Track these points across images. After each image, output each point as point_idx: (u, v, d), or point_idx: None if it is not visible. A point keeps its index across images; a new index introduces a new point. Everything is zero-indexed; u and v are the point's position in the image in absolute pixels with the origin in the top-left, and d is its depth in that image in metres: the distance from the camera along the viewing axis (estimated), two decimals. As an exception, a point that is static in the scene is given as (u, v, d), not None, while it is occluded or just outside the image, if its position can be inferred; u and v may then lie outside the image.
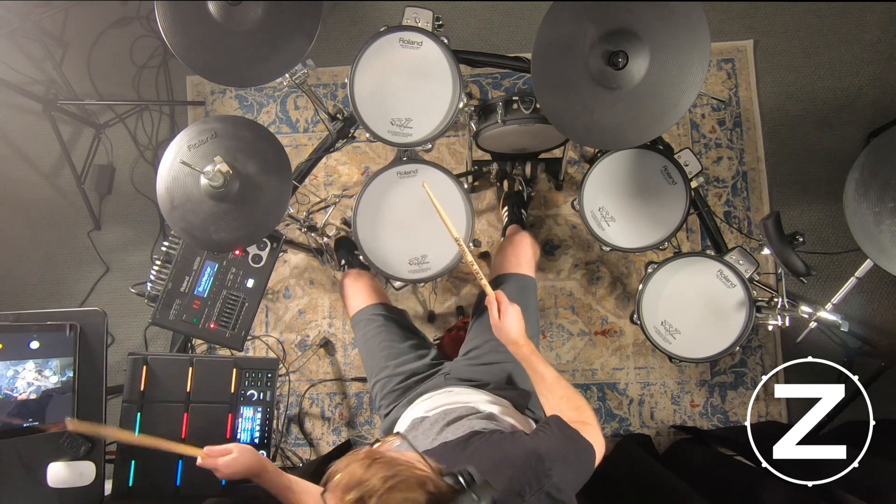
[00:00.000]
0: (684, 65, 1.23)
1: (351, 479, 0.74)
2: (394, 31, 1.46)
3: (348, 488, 0.73)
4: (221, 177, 1.30)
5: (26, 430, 1.36)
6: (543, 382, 1.14)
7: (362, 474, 0.73)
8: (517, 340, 1.15)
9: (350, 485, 0.73)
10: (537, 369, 1.14)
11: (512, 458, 0.92)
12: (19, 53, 2.40)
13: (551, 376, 1.13)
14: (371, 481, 0.72)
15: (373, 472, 0.73)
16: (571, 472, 0.94)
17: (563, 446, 0.96)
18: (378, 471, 0.73)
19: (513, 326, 1.15)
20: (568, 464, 0.94)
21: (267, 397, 1.50)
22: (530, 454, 0.92)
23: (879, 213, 1.30)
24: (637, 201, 1.61)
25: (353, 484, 0.73)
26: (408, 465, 0.75)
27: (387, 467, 0.74)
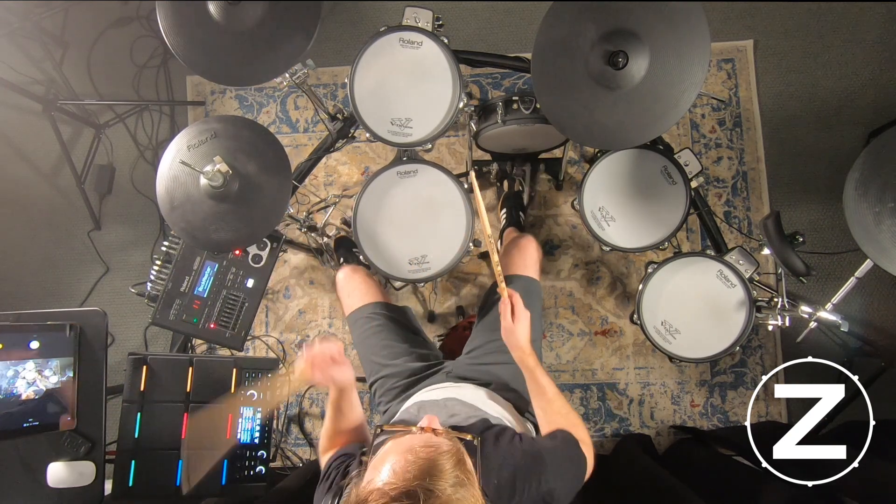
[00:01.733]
0: (684, 65, 1.22)
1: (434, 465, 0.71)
2: (394, 31, 1.45)
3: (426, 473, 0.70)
4: (221, 177, 1.30)
5: (26, 430, 1.36)
6: (544, 396, 1.13)
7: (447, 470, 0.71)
8: (524, 348, 1.14)
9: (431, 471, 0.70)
10: (539, 381, 1.13)
11: (518, 455, 0.92)
12: (19, 53, 2.40)
13: (552, 391, 1.12)
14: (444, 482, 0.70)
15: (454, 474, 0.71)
16: (567, 484, 0.96)
17: (565, 458, 0.97)
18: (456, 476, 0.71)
19: (523, 332, 1.14)
20: (565, 475, 0.95)
21: (267, 397, 1.50)
22: (535, 456, 0.92)
23: (879, 213, 1.30)
24: (637, 201, 1.61)
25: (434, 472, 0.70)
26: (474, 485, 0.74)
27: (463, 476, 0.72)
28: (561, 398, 1.12)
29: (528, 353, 1.14)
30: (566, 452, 0.99)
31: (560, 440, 1.02)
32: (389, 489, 0.69)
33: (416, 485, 0.69)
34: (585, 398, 2.15)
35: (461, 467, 0.73)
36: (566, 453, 0.99)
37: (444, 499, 0.68)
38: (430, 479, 0.69)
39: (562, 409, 1.11)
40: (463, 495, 0.70)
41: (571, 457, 0.99)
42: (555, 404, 1.11)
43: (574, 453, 1.00)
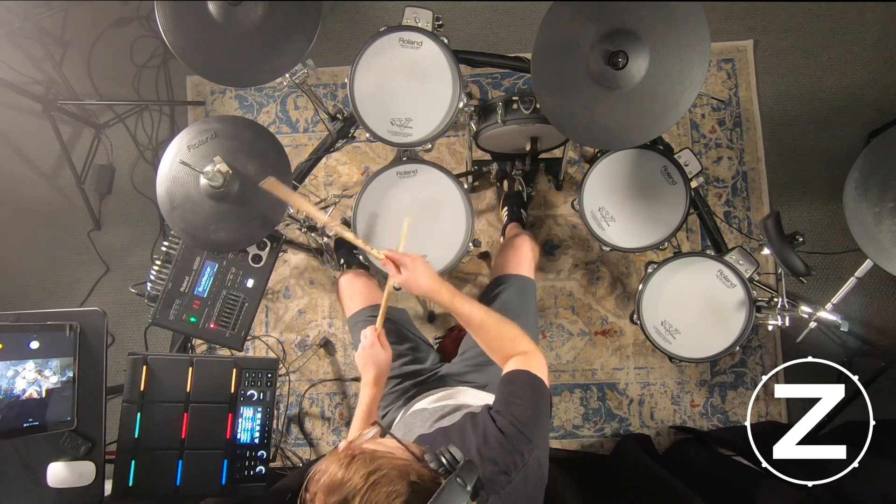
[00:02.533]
0: (684, 65, 1.23)
1: (332, 480, 0.72)
2: (394, 31, 1.45)
3: (331, 490, 0.71)
4: (221, 177, 1.30)
5: (26, 430, 1.36)
6: (472, 323, 1.10)
7: (343, 475, 0.71)
8: (433, 287, 1.11)
9: (333, 486, 0.71)
10: (463, 312, 1.11)
11: (497, 436, 0.91)
12: (19, 53, 2.40)
13: (479, 314, 1.10)
14: (353, 480, 0.70)
15: (353, 470, 0.71)
16: (543, 425, 0.95)
17: (535, 406, 0.95)
18: (358, 468, 0.71)
19: (421, 277, 1.12)
20: (540, 420, 0.94)
21: (267, 397, 1.50)
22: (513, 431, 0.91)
23: (879, 213, 1.30)
24: (637, 201, 1.61)
25: (336, 485, 0.71)
26: (388, 457, 0.74)
27: (366, 463, 0.72)
28: (490, 317, 1.10)
29: (439, 290, 1.11)
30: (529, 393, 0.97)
31: (521, 384, 0.99)
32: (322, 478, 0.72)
33: None
34: (585, 398, 2.15)
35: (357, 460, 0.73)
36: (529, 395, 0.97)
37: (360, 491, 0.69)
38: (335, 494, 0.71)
39: (496, 330, 1.09)
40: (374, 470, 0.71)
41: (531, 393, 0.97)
42: (488, 327, 1.09)
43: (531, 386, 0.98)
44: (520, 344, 1.07)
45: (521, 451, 0.89)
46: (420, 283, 1.13)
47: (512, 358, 1.06)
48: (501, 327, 1.09)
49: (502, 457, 0.88)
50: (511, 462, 0.88)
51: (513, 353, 1.06)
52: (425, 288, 1.13)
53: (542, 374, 1.01)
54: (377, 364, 1.24)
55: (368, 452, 0.74)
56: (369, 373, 1.24)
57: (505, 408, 0.94)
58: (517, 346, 1.06)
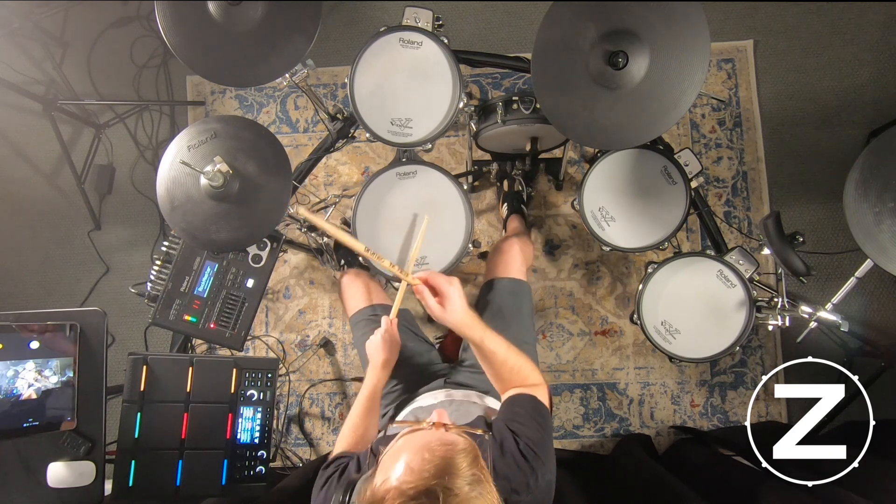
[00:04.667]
0: (684, 65, 1.22)
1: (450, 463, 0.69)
2: (394, 31, 1.45)
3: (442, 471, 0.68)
4: (221, 177, 1.30)
5: (26, 430, 1.36)
6: (495, 359, 1.07)
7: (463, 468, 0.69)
8: (467, 322, 1.04)
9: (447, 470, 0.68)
10: (490, 348, 1.06)
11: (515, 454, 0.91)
12: (19, 53, 2.40)
13: (503, 350, 1.07)
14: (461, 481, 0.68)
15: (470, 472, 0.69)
16: (552, 447, 0.96)
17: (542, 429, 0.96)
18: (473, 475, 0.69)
19: (460, 309, 1.03)
20: (549, 443, 0.95)
21: (267, 397, 1.50)
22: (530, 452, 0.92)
23: (879, 213, 1.30)
24: (637, 201, 1.61)
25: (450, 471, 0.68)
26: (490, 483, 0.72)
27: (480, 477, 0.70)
28: (513, 354, 1.08)
29: (469, 327, 1.04)
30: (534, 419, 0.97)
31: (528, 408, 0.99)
32: (407, 488, 0.67)
33: (434, 483, 0.67)
34: (585, 398, 2.15)
35: (477, 465, 0.71)
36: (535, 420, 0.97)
37: (461, 497, 0.67)
38: (448, 477, 0.67)
39: (514, 364, 1.07)
40: (480, 492, 0.69)
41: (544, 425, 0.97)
42: (508, 365, 1.07)
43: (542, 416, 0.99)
44: (530, 378, 1.07)
45: (536, 474, 0.89)
46: (459, 317, 1.04)
47: (519, 389, 1.06)
48: (520, 364, 1.08)
49: (516, 476, 0.88)
50: (524, 483, 0.88)
51: (520, 385, 1.07)
52: (459, 322, 1.04)
53: (545, 401, 1.02)
54: (390, 349, 1.28)
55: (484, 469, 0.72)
56: (380, 356, 1.27)
57: (518, 428, 0.95)
58: (526, 380, 1.07)
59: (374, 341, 1.30)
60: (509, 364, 1.08)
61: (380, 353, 1.28)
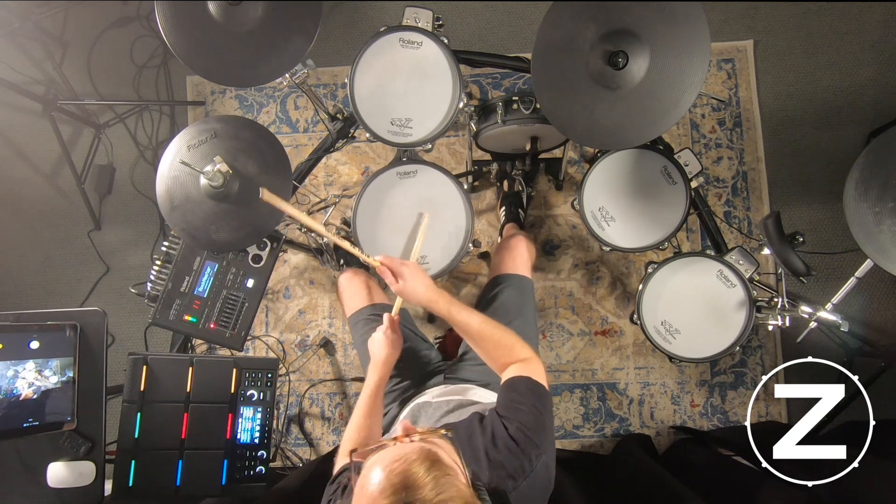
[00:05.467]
0: (684, 65, 1.22)
1: (408, 478, 0.69)
2: (394, 31, 1.45)
3: (403, 487, 0.68)
4: (221, 177, 1.30)
5: (26, 430, 1.36)
6: (470, 332, 1.10)
7: (421, 477, 0.69)
8: (430, 297, 1.11)
9: (405, 484, 0.69)
10: (461, 321, 1.10)
11: (506, 441, 0.91)
12: (19, 53, 2.40)
13: (476, 323, 1.09)
14: (424, 490, 0.68)
15: (430, 478, 0.69)
16: (549, 429, 0.95)
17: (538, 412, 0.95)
18: (433, 479, 0.69)
19: (419, 286, 1.12)
20: (546, 425, 0.94)
21: (267, 397, 1.50)
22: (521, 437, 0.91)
23: (879, 213, 1.30)
24: (637, 201, 1.61)
25: (409, 485, 0.68)
26: (458, 480, 0.72)
27: (441, 476, 0.70)
28: (488, 325, 1.09)
29: (437, 300, 1.11)
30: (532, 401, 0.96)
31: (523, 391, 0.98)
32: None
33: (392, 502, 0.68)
34: (585, 398, 2.15)
35: (437, 466, 0.71)
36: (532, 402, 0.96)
37: None
38: (406, 492, 0.68)
39: (494, 338, 1.08)
40: (445, 489, 0.69)
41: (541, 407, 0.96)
42: (486, 335, 1.08)
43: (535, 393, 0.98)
44: (518, 351, 1.06)
45: (530, 457, 0.89)
46: (417, 292, 1.13)
47: (510, 366, 1.05)
48: (499, 335, 1.09)
49: (510, 462, 0.88)
50: (519, 467, 0.88)
51: (511, 360, 1.06)
52: (422, 298, 1.13)
53: (541, 379, 1.01)
54: (392, 345, 1.27)
55: (445, 464, 0.72)
56: (382, 353, 1.26)
57: (512, 414, 0.94)
58: (516, 354, 1.06)
59: (377, 338, 1.29)
60: (487, 334, 1.09)
61: (382, 350, 1.27)
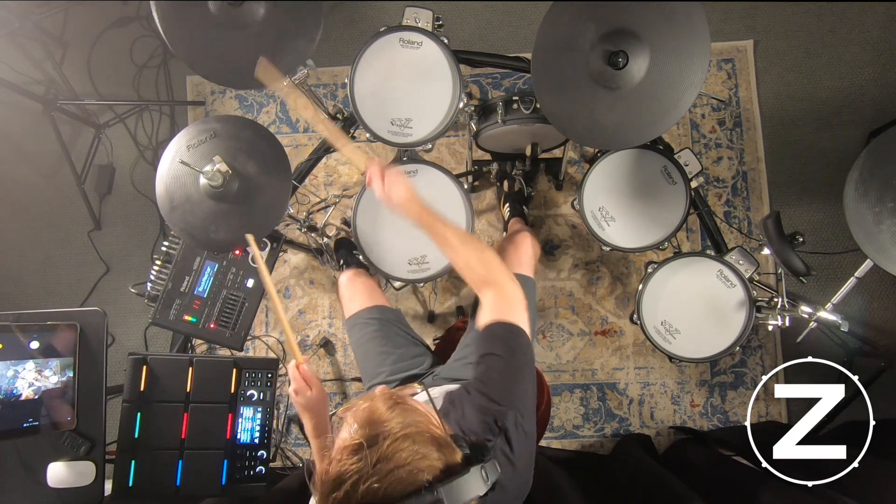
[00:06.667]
0: (684, 65, 1.23)
1: (371, 414, 0.73)
2: (394, 31, 1.46)
3: (367, 423, 0.72)
4: (221, 177, 1.30)
5: (26, 430, 1.36)
6: (448, 244, 1.10)
7: (383, 413, 0.73)
8: (412, 207, 1.11)
9: (371, 419, 0.72)
10: (439, 232, 1.10)
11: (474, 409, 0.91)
12: (19, 53, 2.40)
13: (455, 237, 1.09)
14: (390, 423, 0.72)
15: (394, 414, 0.73)
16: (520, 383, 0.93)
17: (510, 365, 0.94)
18: (398, 415, 0.73)
19: (401, 190, 1.12)
20: (515, 379, 0.93)
21: (267, 397, 1.50)
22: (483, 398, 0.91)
23: (879, 213, 1.30)
24: (637, 201, 1.61)
25: (373, 420, 0.72)
26: (426, 420, 0.75)
27: (407, 414, 0.74)
28: (466, 241, 1.09)
29: (416, 206, 1.11)
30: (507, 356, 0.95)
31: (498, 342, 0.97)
32: (339, 455, 0.71)
33: (360, 437, 0.71)
34: (585, 398, 2.15)
35: (400, 406, 0.75)
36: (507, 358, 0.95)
37: (392, 435, 0.71)
38: (371, 427, 0.72)
39: (471, 252, 1.07)
40: (411, 423, 0.72)
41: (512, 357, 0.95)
42: (461, 250, 1.08)
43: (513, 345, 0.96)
44: (493, 270, 1.05)
45: (495, 418, 0.89)
46: (400, 195, 1.12)
47: (487, 289, 1.04)
48: (476, 250, 1.08)
49: (480, 426, 0.89)
50: (487, 429, 0.88)
51: (489, 278, 1.04)
52: (403, 201, 1.12)
53: (519, 318, 0.99)
54: (310, 409, 1.07)
55: (411, 407, 0.76)
56: (308, 423, 1.09)
57: (478, 377, 0.95)
58: (492, 272, 1.04)
59: (294, 401, 1.09)
60: (463, 251, 1.08)
61: (306, 419, 1.08)
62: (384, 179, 1.15)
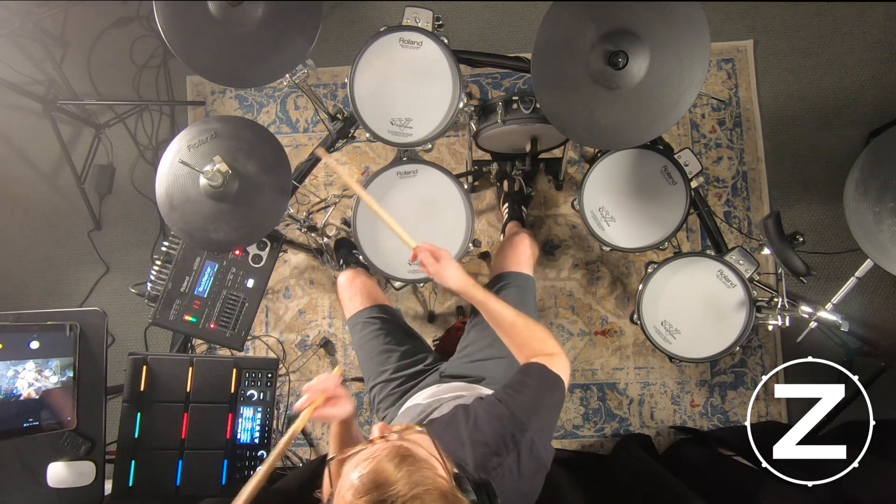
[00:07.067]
0: (684, 65, 1.22)
1: (378, 476, 0.69)
2: (394, 31, 1.45)
3: (374, 485, 0.68)
4: (221, 177, 1.30)
5: (26, 430, 1.36)
6: (504, 323, 1.12)
7: (391, 474, 0.69)
8: (466, 281, 1.14)
9: (378, 481, 0.68)
10: (494, 308, 1.12)
11: (488, 419, 0.91)
12: (19, 53, 2.40)
13: (510, 315, 1.11)
14: (397, 486, 0.68)
15: (401, 474, 0.69)
16: (544, 412, 0.95)
17: (540, 395, 0.95)
18: (406, 475, 0.69)
19: (454, 269, 1.15)
20: (541, 407, 0.94)
21: (267, 397, 1.50)
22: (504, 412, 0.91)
23: (879, 213, 1.30)
24: (637, 201, 1.61)
25: (381, 482, 0.68)
26: (433, 471, 0.72)
27: (415, 471, 0.70)
28: (520, 319, 1.11)
29: (471, 286, 1.14)
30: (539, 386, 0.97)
31: (534, 376, 0.99)
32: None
33: (366, 503, 0.68)
34: (585, 398, 2.15)
35: (409, 462, 0.71)
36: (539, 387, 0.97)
37: (401, 498, 0.68)
38: (378, 490, 0.68)
39: (526, 330, 1.09)
40: (419, 483, 0.69)
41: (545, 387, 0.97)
42: (518, 328, 1.10)
43: (549, 381, 0.98)
44: (548, 346, 1.07)
45: (512, 433, 0.89)
46: (457, 276, 1.15)
47: (536, 357, 1.06)
48: (531, 327, 1.10)
49: (493, 439, 0.89)
50: (502, 443, 0.88)
51: (538, 352, 1.07)
52: (460, 282, 1.15)
53: (561, 372, 1.01)
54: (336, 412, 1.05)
55: (418, 459, 0.73)
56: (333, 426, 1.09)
57: (505, 392, 0.95)
58: (544, 348, 1.07)
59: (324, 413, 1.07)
60: (519, 326, 1.10)
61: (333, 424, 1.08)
62: (437, 262, 1.17)
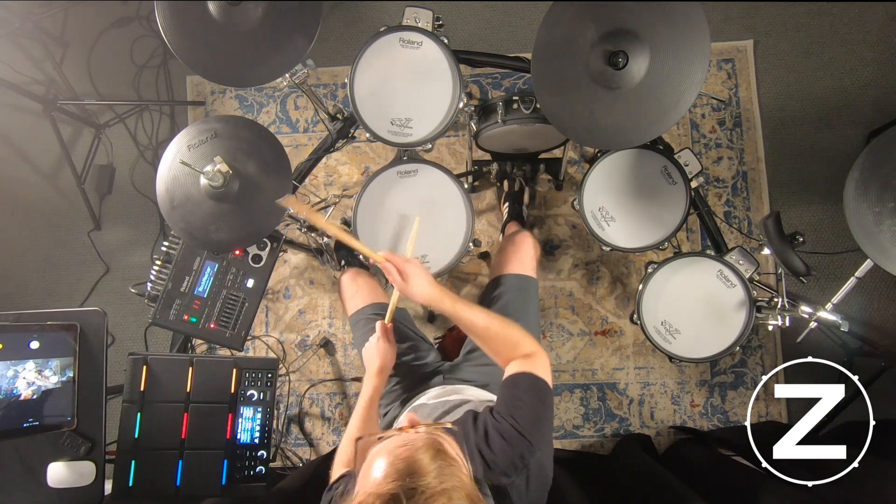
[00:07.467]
0: (684, 65, 1.22)
1: (412, 464, 0.69)
2: (394, 31, 1.45)
3: (407, 473, 0.68)
4: (221, 177, 1.30)
5: (26, 430, 1.36)
6: (476, 329, 1.10)
7: (425, 465, 0.69)
8: (434, 295, 1.11)
9: (409, 470, 0.69)
10: (466, 318, 1.09)
11: (498, 438, 0.91)
12: (19, 53, 2.40)
13: (482, 320, 1.09)
14: (428, 478, 0.68)
15: (434, 466, 0.69)
16: (546, 427, 0.95)
17: (535, 408, 0.95)
18: (439, 469, 0.69)
19: (422, 283, 1.11)
20: (542, 422, 0.94)
21: (267, 397, 1.50)
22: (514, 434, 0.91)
23: (879, 213, 1.30)
24: (637, 201, 1.61)
25: (413, 471, 0.69)
26: (462, 471, 0.72)
27: (446, 466, 0.70)
28: (493, 322, 1.09)
29: (438, 299, 1.11)
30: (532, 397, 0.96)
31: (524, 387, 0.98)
32: (371, 500, 0.68)
33: (397, 487, 0.68)
34: (585, 398, 2.15)
35: (441, 456, 0.71)
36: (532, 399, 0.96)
37: (429, 493, 0.67)
38: (410, 478, 0.68)
39: (500, 335, 1.08)
40: (448, 478, 0.69)
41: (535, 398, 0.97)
42: (491, 333, 1.08)
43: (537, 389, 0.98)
44: (524, 346, 1.06)
45: (522, 454, 0.89)
46: (423, 291, 1.12)
47: (514, 360, 1.05)
48: (505, 331, 1.08)
49: (503, 459, 0.88)
50: (511, 465, 0.88)
51: (516, 356, 1.06)
52: (426, 296, 1.12)
53: (545, 375, 1.00)
54: (383, 356, 1.28)
55: (449, 455, 0.72)
56: (374, 364, 1.27)
57: (506, 410, 0.94)
58: (521, 349, 1.06)
59: (369, 347, 1.30)
60: (493, 331, 1.08)
61: (375, 360, 1.28)
62: (403, 273, 1.13)
